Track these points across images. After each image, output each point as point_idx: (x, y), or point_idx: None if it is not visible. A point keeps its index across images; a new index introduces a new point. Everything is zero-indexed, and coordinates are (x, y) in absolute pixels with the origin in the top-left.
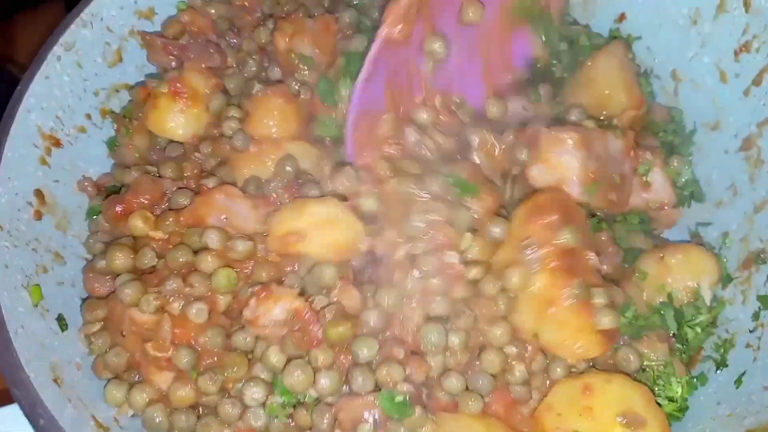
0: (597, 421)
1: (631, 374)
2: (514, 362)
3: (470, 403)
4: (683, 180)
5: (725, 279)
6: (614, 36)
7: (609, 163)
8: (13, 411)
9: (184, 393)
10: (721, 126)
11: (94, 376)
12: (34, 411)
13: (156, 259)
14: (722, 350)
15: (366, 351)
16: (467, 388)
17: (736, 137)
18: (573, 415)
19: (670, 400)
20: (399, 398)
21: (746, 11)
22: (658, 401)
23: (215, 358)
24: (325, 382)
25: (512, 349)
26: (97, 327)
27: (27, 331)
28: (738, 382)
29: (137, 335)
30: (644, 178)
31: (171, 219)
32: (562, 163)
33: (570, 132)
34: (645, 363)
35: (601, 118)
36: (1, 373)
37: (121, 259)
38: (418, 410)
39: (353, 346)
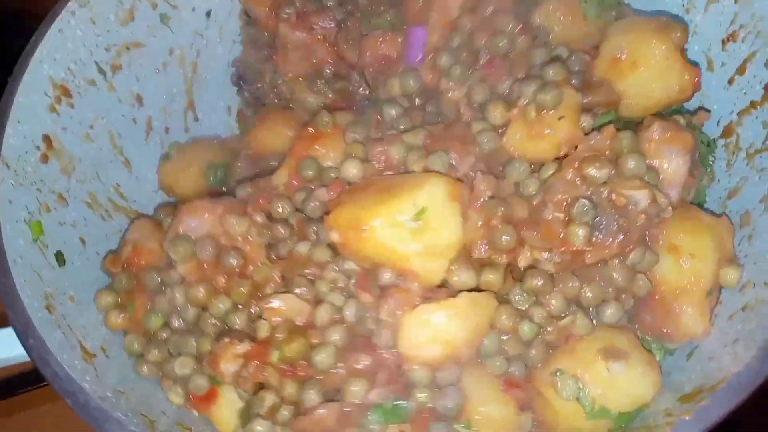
0: (579, 359)
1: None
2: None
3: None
4: None
5: None
6: None
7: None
8: (10, 333)
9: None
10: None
11: (85, 310)
12: (25, 332)
13: None
14: None
15: (322, 356)
16: None
17: (718, 125)
18: (555, 355)
19: None
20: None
21: (735, 1)
22: None
23: None
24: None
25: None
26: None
27: (25, 261)
28: (689, 355)
29: None
30: None
31: None
32: (673, 166)
33: (686, 133)
34: None
35: None
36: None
37: None
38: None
39: (312, 359)
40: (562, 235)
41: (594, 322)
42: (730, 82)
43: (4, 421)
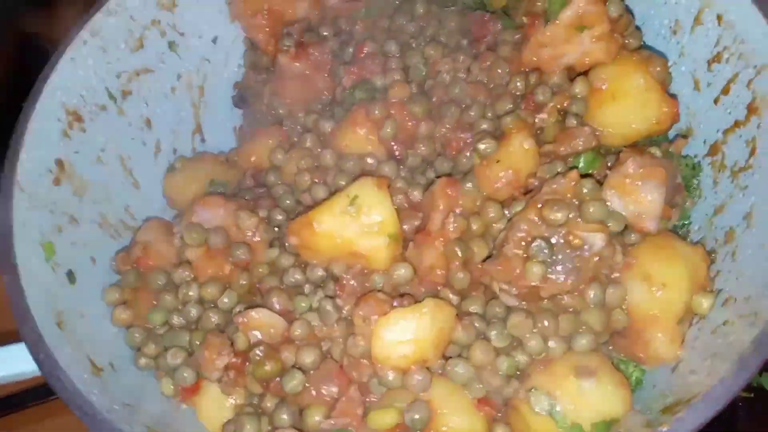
0: (552, 376)
1: None
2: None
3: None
4: None
5: None
6: None
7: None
8: (22, 349)
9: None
10: (692, 132)
11: (94, 326)
12: (36, 347)
13: None
14: None
15: (292, 384)
16: None
17: (704, 144)
18: (529, 374)
19: None
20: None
21: (719, 24)
22: None
23: None
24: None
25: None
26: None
27: (38, 280)
28: (674, 368)
29: None
30: None
31: None
32: (648, 200)
33: (659, 168)
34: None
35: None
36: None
37: None
38: None
39: (282, 381)
40: (519, 270)
41: (568, 346)
42: (716, 101)
43: None
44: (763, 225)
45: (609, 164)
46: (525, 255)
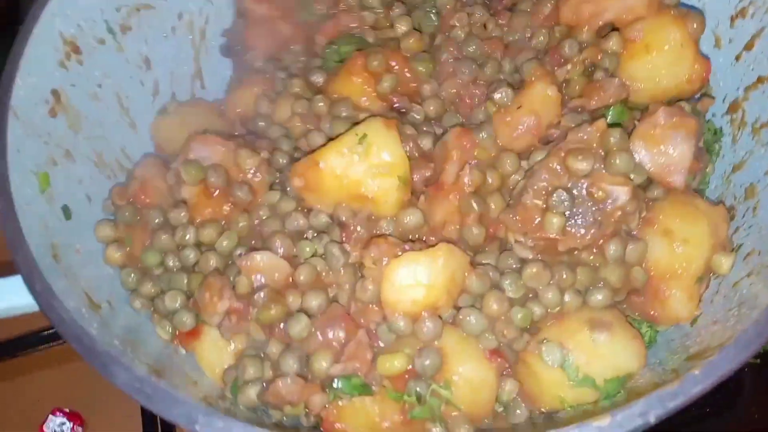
0: (565, 329)
1: None
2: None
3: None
4: None
5: None
6: None
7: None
8: (17, 282)
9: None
10: (711, 91)
11: (91, 264)
12: (31, 277)
13: None
14: None
15: (297, 328)
16: None
17: (724, 101)
18: (542, 326)
19: None
20: (356, 380)
21: None
22: None
23: None
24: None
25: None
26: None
27: (32, 209)
28: (693, 321)
29: None
30: None
31: None
32: (678, 152)
33: (690, 119)
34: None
35: None
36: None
37: None
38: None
39: (286, 326)
40: (537, 221)
41: (583, 300)
42: (737, 58)
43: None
44: None
45: (636, 120)
46: (544, 205)
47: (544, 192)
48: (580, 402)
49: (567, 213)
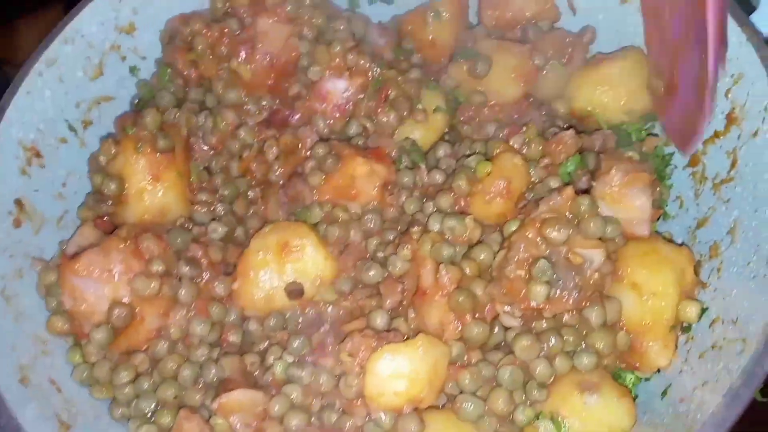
0: (555, 395)
1: None
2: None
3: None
4: None
5: None
6: None
7: None
8: None
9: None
10: (670, 141)
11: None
12: None
13: None
14: None
15: None
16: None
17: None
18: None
19: None
20: None
21: None
22: None
23: None
24: None
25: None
26: None
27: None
28: (663, 393)
29: None
30: None
31: None
32: (637, 205)
33: (643, 172)
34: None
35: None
36: None
37: None
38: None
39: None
40: (522, 292)
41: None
42: None
43: None
44: (747, 241)
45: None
46: (527, 276)
47: (525, 263)
48: None
49: (551, 281)
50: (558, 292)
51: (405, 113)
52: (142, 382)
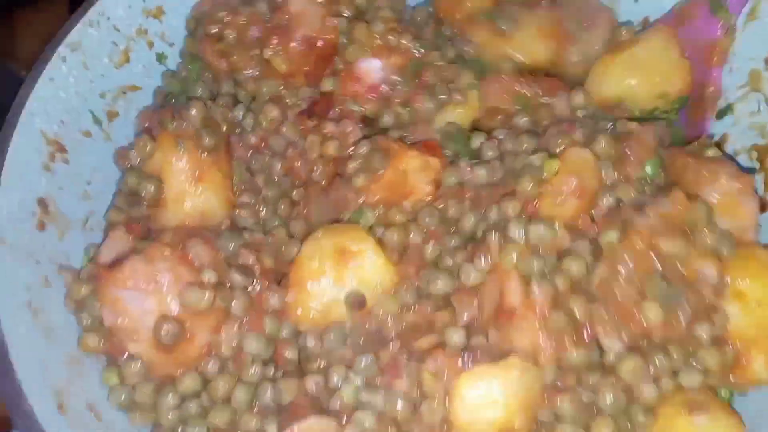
0: (662, 414)
1: None
2: None
3: None
4: None
5: None
6: None
7: None
8: None
9: None
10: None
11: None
12: None
13: None
14: None
15: None
16: None
17: None
18: None
19: None
20: None
21: None
22: None
23: None
24: None
25: None
26: None
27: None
28: None
29: None
30: None
31: None
32: (747, 212)
33: (751, 176)
34: None
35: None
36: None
37: None
38: None
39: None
40: (633, 313)
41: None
42: None
43: None
44: None
45: None
46: (638, 294)
47: (634, 279)
48: None
49: (665, 301)
50: (673, 313)
51: (444, 98)
52: (189, 406)
